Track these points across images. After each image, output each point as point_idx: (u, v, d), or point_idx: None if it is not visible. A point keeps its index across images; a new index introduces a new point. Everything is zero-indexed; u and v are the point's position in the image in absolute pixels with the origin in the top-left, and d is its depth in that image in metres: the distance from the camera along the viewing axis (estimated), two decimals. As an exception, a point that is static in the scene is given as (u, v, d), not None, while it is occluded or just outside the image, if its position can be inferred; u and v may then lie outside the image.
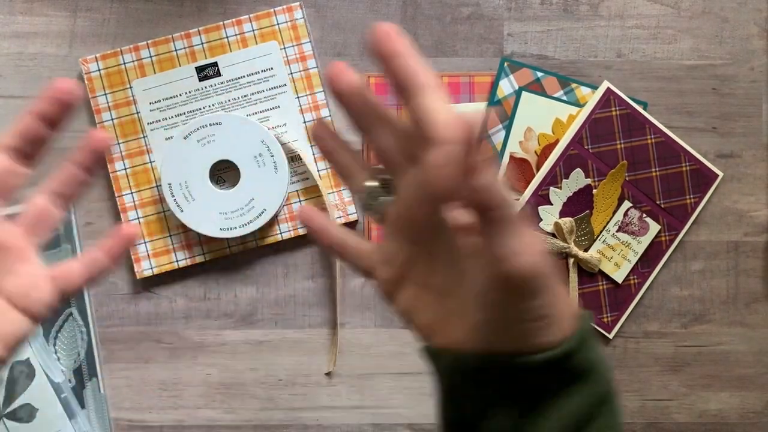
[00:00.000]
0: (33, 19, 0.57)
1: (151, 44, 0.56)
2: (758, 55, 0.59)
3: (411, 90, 0.30)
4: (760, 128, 0.59)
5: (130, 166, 0.56)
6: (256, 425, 0.58)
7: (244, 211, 0.55)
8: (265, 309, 0.58)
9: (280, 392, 0.58)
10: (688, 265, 0.59)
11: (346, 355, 0.58)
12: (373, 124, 0.32)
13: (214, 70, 0.56)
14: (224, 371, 0.58)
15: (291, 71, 0.57)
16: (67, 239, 0.56)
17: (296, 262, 0.58)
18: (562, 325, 0.30)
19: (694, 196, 0.58)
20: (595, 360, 0.31)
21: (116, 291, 0.57)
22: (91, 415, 0.57)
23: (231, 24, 0.56)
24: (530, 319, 0.29)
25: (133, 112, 0.56)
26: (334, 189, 0.57)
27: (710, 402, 0.58)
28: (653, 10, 0.59)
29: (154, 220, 0.57)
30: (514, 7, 0.58)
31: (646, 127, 0.57)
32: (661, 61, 0.59)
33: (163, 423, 0.57)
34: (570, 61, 0.58)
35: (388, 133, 0.32)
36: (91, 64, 0.56)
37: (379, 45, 0.30)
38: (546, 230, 0.57)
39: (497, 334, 0.30)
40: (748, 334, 0.59)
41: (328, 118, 0.57)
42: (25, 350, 0.55)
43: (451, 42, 0.58)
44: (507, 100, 0.57)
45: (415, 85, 0.30)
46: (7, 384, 0.55)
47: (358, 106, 0.32)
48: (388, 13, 0.58)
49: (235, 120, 0.55)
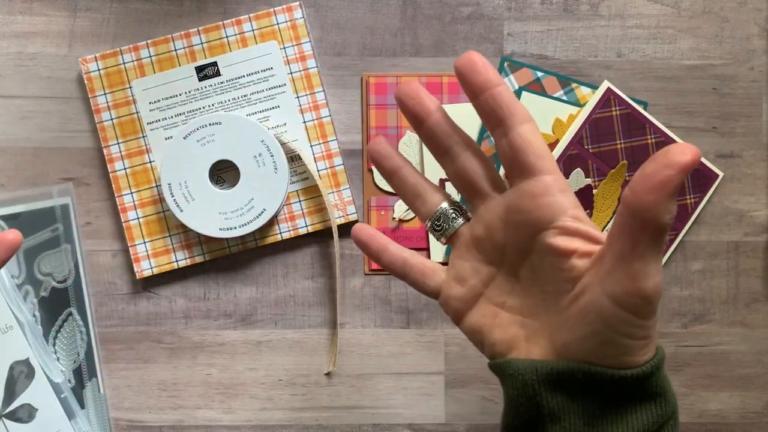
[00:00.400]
0: (32, 18, 0.57)
1: (150, 44, 0.56)
2: (758, 55, 0.59)
3: (510, 120, 0.33)
4: (760, 128, 0.59)
5: (129, 165, 0.56)
6: (255, 425, 0.58)
7: (244, 211, 0.55)
8: (264, 309, 0.58)
9: (280, 392, 0.58)
10: (688, 265, 0.59)
11: (346, 355, 0.58)
12: (453, 148, 0.35)
13: (213, 69, 0.56)
14: (224, 371, 0.58)
15: (291, 71, 0.57)
16: (67, 239, 0.56)
17: (296, 262, 0.58)
18: (653, 346, 0.32)
19: (694, 196, 0.58)
20: (667, 382, 0.33)
21: (116, 291, 0.57)
22: (91, 415, 0.57)
23: (231, 24, 0.56)
24: (638, 337, 0.31)
25: (133, 111, 0.56)
26: (334, 189, 0.57)
27: (710, 402, 0.58)
28: (653, 10, 0.59)
29: (154, 220, 0.57)
30: (514, 6, 0.58)
31: (646, 127, 0.57)
32: (661, 61, 0.59)
33: (162, 423, 0.57)
34: (570, 60, 0.58)
35: (472, 158, 0.35)
36: (90, 64, 0.56)
37: (472, 76, 0.33)
38: (546, 230, 0.57)
39: (595, 351, 0.32)
40: (748, 334, 0.59)
41: (328, 118, 0.57)
42: (24, 350, 0.55)
43: (451, 42, 0.58)
44: (507, 99, 0.57)
45: (514, 116, 0.33)
46: (7, 384, 0.55)
47: (441, 130, 0.35)
48: (388, 12, 0.58)
49: (234, 120, 0.55)
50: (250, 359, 0.58)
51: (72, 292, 0.57)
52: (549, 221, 0.32)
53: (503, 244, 0.35)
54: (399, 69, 0.58)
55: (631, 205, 0.28)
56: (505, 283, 0.35)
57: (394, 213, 0.58)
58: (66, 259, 0.56)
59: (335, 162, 0.57)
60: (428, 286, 0.38)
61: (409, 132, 0.58)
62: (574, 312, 0.32)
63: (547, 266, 0.33)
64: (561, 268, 0.33)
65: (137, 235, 0.56)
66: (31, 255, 0.56)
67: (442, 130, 0.35)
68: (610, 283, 0.30)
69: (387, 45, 0.58)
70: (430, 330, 0.58)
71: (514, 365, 0.34)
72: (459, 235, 0.36)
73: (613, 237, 0.30)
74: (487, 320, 0.36)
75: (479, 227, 0.35)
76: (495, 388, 0.58)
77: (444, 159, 0.36)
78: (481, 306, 0.36)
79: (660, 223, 0.28)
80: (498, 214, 0.34)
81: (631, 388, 0.32)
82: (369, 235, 0.39)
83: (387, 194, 0.58)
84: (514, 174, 0.34)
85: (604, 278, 0.31)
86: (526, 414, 0.33)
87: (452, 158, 0.35)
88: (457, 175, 0.35)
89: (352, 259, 0.58)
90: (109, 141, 0.56)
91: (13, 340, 0.55)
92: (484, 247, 0.35)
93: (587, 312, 0.31)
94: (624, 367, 0.32)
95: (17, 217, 0.56)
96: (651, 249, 0.29)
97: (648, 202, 0.28)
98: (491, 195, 0.35)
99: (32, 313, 0.56)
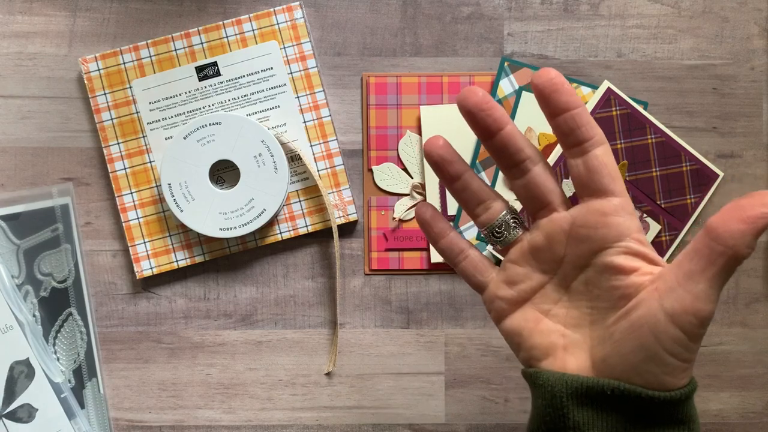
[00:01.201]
0: (32, 18, 0.57)
1: (150, 44, 0.56)
2: (758, 55, 0.59)
3: (589, 143, 0.34)
4: (760, 128, 0.59)
5: (129, 165, 0.56)
6: (256, 425, 0.58)
7: (244, 211, 0.55)
8: (264, 309, 0.58)
9: (280, 392, 0.58)
10: (689, 265, 0.59)
11: (346, 355, 0.58)
12: (525, 163, 0.36)
13: (213, 69, 0.56)
14: (224, 371, 0.58)
15: (291, 71, 0.57)
16: (67, 239, 0.56)
17: (296, 262, 0.58)
18: (690, 373, 0.33)
19: (694, 196, 0.58)
20: (695, 412, 0.34)
21: (116, 291, 0.57)
22: (91, 415, 0.57)
23: (231, 24, 0.56)
24: (682, 358, 0.32)
25: (133, 111, 0.56)
26: (334, 189, 0.57)
27: (710, 402, 0.58)
28: (653, 10, 0.59)
29: (154, 220, 0.57)
30: (514, 6, 0.58)
31: (646, 126, 0.57)
32: (661, 61, 0.59)
33: (162, 423, 0.57)
34: (570, 60, 0.58)
35: (544, 172, 0.36)
36: (90, 64, 0.56)
37: (555, 96, 0.34)
38: (546, 230, 0.57)
39: (637, 366, 0.33)
40: (748, 334, 0.59)
41: (328, 119, 0.57)
42: (24, 350, 0.55)
43: (451, 42, 0.58)
44: (507, 100, 0.57)
45: (593, 138, 0.35)
46: (7, 384, 0.55)
47: (514, 143, 0.36)
48: (388, 12, 0.58)
49: (234, 120, 0.55)
50: (250, 359, 0.58)
51: (72, 292, 0.57)
52: (614, 240, 0.34)
53: (562, 255, 0.36)
54: (399, 69, 0.58)
55: (716, 230, 0.31)
56: (554, 292, 0.37)
57: (394, 213, 0.58)
58: (66, 259, 0.56)
59: (335, 162, 0.57)
60: (478, 280, 0.39)
61: (409, 132, 0.58)
62: (624, 326, 0.33)
63: (602, 282, 0.35)
64: (618, 285, 0.34)
65: (137, 235, 0.56)
66: (31, 255, 0.56)
67: (515, 143, 0.36)
68: (670, 299, 0.32)
69: (387, 45, 0.58)
70: (430, 330, 0.58)
71: (544, 376, 0.35)
72: (515, 242, 0.37)
73: (684, 258, 0.32)
74: (530, 324, 0.37)
75: (540, 237, 0.36)
76: (495, 388, 0.58)
77: (513, 171, 0.36)
78: (525, 310, 0.37)
79: (739, 254, 0.30)
80: (562, 227, 0.36)
81: (659, 411, 0.33)
82: (432, 216, 0.39)
83: (387, 194, 0.58)
84: (585, 193, 0.35)
85: (664, 294, 0.32)
86: (551, 424, 0.34)
87: (522, 171, 0.36)
88: (526, 187, 0.36)
89: (352, 259, 0.58)
90: (109, 141, 0.56)
91: (13, 340, 0.55)
92: (542, 257, 0.36)
93: (639, 326, 0.33)
94: (660, 388, 0.33)
95: (17, 217, 0.56)
96: (720, 276, 0.31)
97: (735, 230, 0.30)
98: (557, 210, 0.36)
99: (32, 313, 0.56)
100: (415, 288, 0.58)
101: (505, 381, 0.58)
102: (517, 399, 0.58)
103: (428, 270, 0.58)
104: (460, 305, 0.58)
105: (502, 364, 0.58)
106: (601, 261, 0.35)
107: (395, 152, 0.58)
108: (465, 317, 0.58)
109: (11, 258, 0.56)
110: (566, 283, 0.36)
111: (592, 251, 0.35)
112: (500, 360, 0.58)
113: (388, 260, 0.58)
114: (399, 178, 0.58)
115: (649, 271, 0.34)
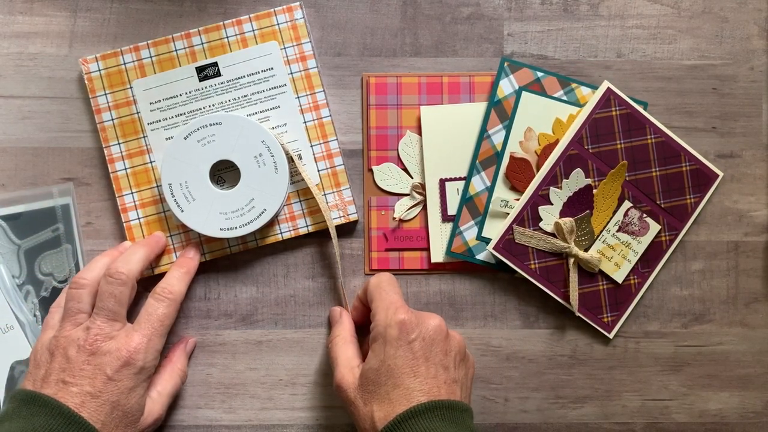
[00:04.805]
0: (33, 19, 0.57)
1: (151, 44, 0.56)
2: (758, 55, 0.59)
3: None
4: (760, 128, 0.59)
5: (130, 166, 0.56)
6: (256, 425, 0.58)
7: (244, 211, 0.55)
8: (265, 309, 0.58)
9: (281, 392, 0.58)
10: (688, 265, 0.59)
11: (346, 355, 0.58)
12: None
13: (214, 70, 0.56)
14: (224, 371, 0.58)
15: (291, 71, 0.57)
16: (68, 239, 0.56)
17: (296, 262, 0.58)
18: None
19: (694, 196, 0.58)
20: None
21: (116, 291, 0.57)
22: (92, 415, 0.57)
23: (231, 24, 0.56)
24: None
25: (134, 112, 0.56)
26: (334, 189, 0.57)
27: (710, 402, 0.58)
28: (653, 10, 0.59)
29: (155, 220, 0.57)
30: (514, 7, 0.58)
31: (646, 127, 0.57)
32: (661, 61, 0.59)
33: (163, 423, 0.57)
34: (570, 61, 0.58)
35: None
36: (91, 64, 0.56)
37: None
38: (546, 230, 0.57)
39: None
40: (748, 334, 0.59)
41: (329, 119, 0.57)
42: (25, 350, 0.55)
43: (451, 42, 0.58)
44: (507, 100, 0.57)
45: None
46: (7, 384, 0.55)
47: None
48: (388, 13, 0.58)
49: (235, 120, 0.55)
50: (250, 359, 0.58)
51: (73, 292, 0.57)
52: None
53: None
54: (399, 69, 0.58)
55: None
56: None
57: (394, 213, 0.58)
58: (67, 259, 0.56)
59: (335, 162, 0.57)
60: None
61: (409, 132, 0.58)
62: None
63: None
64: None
65: (138, 235, 0.57)
66: (31, 255, 0.56)
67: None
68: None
69: (387, 45, 0.58)
70: (430, 330, 0.58)
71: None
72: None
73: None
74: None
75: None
76: (495, 387, 0.58)
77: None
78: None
79: None
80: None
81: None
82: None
83: (387, 194, 0.58)
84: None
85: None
86: None
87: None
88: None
89: (352, 259, 0.58)
90: (109, 141, 0.56)
91: (14, 339, 0.55)
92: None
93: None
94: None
95: (18, 217, 0.56)
96: None
97: None
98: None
99: (33, 313, 0.56)
100: (415, 288, 0.58)
101: (505, 381, 0.58)
102: (517, 399, 0.58)
103: (428, 270, 0.58)
104: (460, 305, 0.58)
105: (502, 364, 0.58)
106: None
107: (395, 152, 0.58)
108: (465, 317, 0.58)
109: (12, 258, 0.56)
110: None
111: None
112: (500, 360, 0.58)
113: (388, 260, 0.58)
114: (399, 178, 0.58)
115: None
